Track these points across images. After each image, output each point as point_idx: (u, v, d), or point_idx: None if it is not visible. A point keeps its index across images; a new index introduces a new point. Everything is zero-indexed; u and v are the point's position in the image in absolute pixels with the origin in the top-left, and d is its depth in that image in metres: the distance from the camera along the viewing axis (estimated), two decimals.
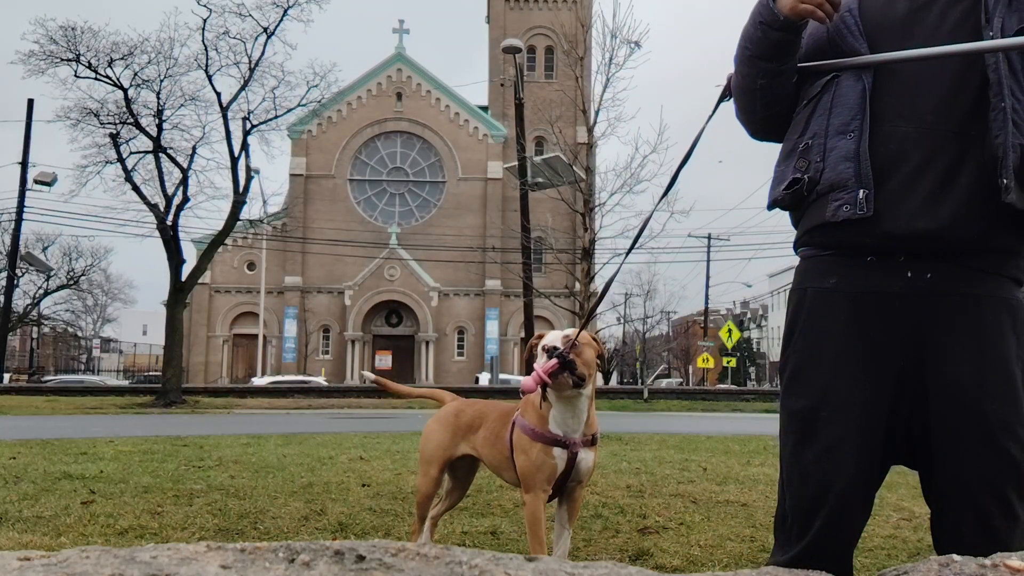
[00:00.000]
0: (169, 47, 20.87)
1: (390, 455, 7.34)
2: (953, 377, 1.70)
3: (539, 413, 2.76)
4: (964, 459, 1.69)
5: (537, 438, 2.73)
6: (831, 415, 1.76)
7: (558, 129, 19.09)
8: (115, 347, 66.04)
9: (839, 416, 1.75)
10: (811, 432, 1.78)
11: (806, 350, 1.83)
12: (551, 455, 2.70)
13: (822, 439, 1.76)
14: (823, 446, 1.76)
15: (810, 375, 1.80)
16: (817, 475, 1.76)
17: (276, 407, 20.76)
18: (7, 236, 32.86)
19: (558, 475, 2.72)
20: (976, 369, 1.70)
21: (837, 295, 1.81)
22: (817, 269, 1.86)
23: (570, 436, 2.71)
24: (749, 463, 7.08)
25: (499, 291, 45.31)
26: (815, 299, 1.84)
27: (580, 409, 2.70)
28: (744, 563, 3.35)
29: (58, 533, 3.78)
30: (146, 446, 8.00)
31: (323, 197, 45.97)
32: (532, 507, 2.75)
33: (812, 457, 1.77)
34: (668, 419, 17.12)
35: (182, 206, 20.94)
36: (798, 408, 1.81)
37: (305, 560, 0.88)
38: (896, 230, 1.74)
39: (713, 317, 55.85)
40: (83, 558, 0.87)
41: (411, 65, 47.47)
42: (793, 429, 1.83)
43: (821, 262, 1.86)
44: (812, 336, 1.82)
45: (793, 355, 1.86)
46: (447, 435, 3.15)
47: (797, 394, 1.82)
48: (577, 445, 2.71)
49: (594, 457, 2.80)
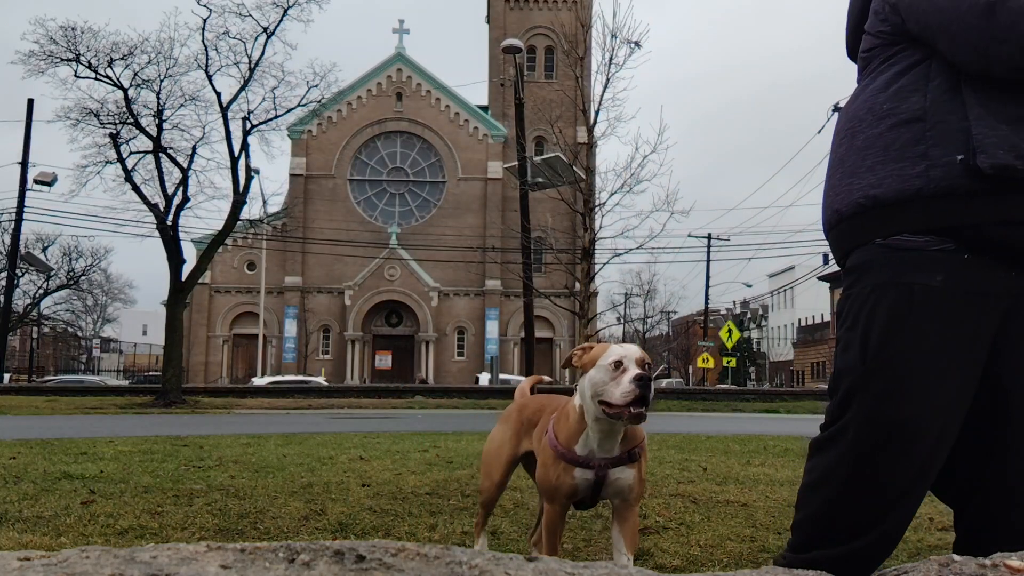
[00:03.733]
0: (169, 47, 20.95)
1: (390, 455, 7.34)
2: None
3: (569, 428, 2.44)
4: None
5: (560, 456, 2.44)
6: (932, 426, 1.68)
7: (558, 129, 19.11)
8: (115, 347, 66.07)
9: (944, 429, 1.69)
10: (908, 447, 1.70)
11: (908, 354, 1.68)
12: (571, 476, 2.41)
13: (917, 458, 1.70)
14: (918, 467, 1.70)
15: (915, 382, 1.67)
16: (900, 487, 1.71)
17: (276, 407, 20.76)
18: (7, 236, 32.96)
19: (581, 494, 2.45)
20: None
21: (953, 294, 1.67)
22: (926, 264, 1.68)
23: (599, 457, 2.39)
24: (749, 463, 7.08)
25: (499, 291, 45.33)
26: (922, 298, 1.67)
27: (619, 429, 2.36)
28: (744, 563, 3.35)
29: (58, 533, 3.78)
30: (146, 446, 8.00)
31: (323, 197, 45.99)
32: (549, 517, 2.54)
33: (901, 471, 1.70)
34: (668, 419, 17.11)
35: (182, 206, 20.95)
36: (900, 418, 1.69)
37: (305, 560, 0.88)
38: None
39: (713, 317, 55.87)
40: (83, 558, 0.87)
41: (411, 65, 47.48)
42: (880, 437, 1.72)
43: (938, 258, 1.67)
44: (920, 339, 1.67)
45: (889, 358, 1.70)
46: (509, 432, 2.86)
47: (900, 402, 1.69)
48: (607, 465, 2.39)
49: (636, 473, 2.43)
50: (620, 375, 2.22)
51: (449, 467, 6.42)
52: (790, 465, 6.86)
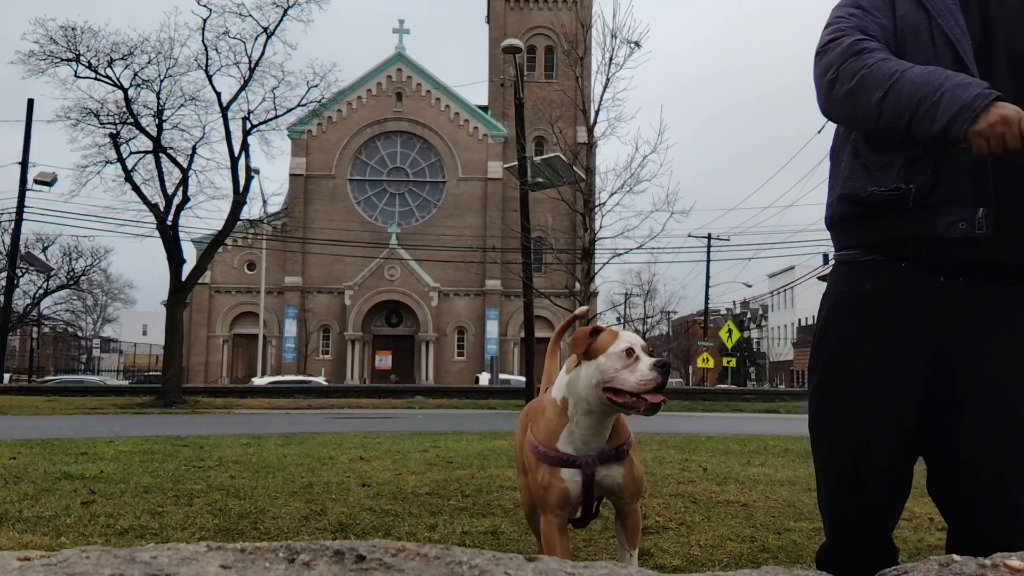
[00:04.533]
0: (169, 47, 20.96)
1: (390, 455, 7.34)
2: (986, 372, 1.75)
3: (548, 424, 2.27)
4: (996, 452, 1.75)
5: (542, 458, 2.26)
6: (864, 414, 1.85)
7: (558, 129, 19.11)
8: (115, 347, 66.05)
9: (872, 415, 1.84)
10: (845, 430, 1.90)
11: (840, 351, 1.90)
12: (559, 478, 2.22)
13: (854, 443, 1.87)
14: (856, 450, 1.87)
15: (844, 376, 1.88)
16: (851, 471, 1.88)
17: (276, 407, 20.76)
18: (7, 236, 32.93)
19: (575, 498, 2.26)
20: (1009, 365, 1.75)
21: (877, 298, 1.85)
22: (856, 274, 1.90)
23: (585, 454, 2.22)
24: (749, 463, 7.08)
25: (499, 291, 45.32)
26: (859, 300, 1.88)
27: (609, 424, 2.23)
28: (744, 563, 3.35)
29: (58, 533, 3.78)
30: (146, 446, 8.00)
31: (323, 197, 45.97)
32: (545, 531, 2.30)
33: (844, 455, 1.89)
34: (668, 419, 17.11)
35: (182, 206, 20.95)
36: (831, 408, 1.92)
37: (305, 560, 0.88)
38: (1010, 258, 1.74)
39: (713, 317, 55.84)
40: (83, 558, 0.87)
41: (411, 65, 47.47)
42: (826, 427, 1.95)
43: (867, 267, 1.88)
44: (847, 337, 1.89)
45: (825, 355, 1.94)
46: (521, 435, 2.63)
47: (831, 393, 1.91)
48: (594, 463, 2.23)
49: (626, 470, 2.27)
50: (634, 363, 2.14)
51: (449, 467, 6.42)
52: (790, 465, 6.86)
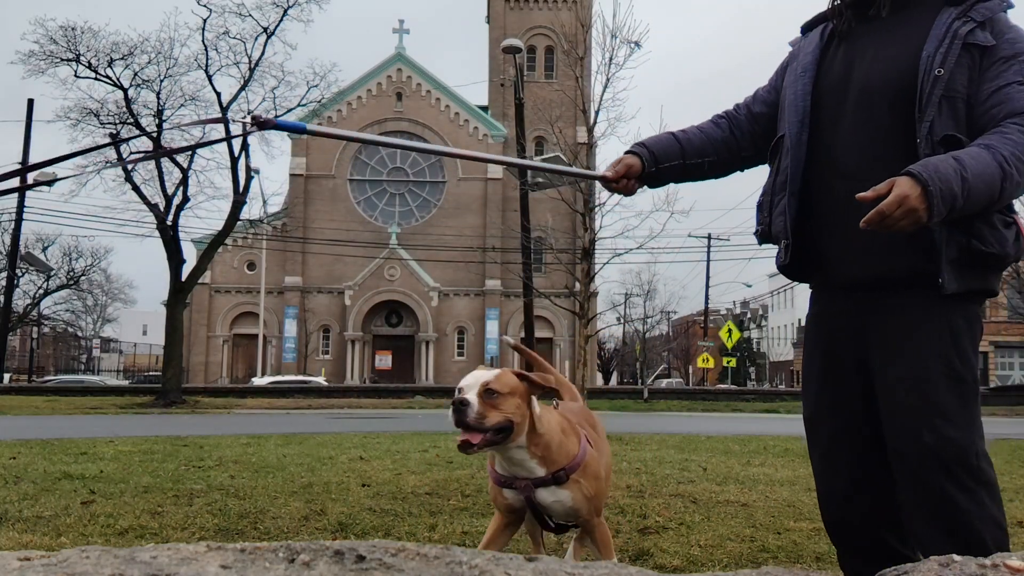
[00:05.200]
0: (169, 47, 20.93)
1: (390, 455, 7.34)
2: (889, 375, 2.00)
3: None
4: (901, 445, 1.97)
5: (490, 473, 2.47)
6: (823, 421, 2.17)
7: (558, 129, 19.09)
8: (115, 347, 66.03)
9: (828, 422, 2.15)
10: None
11: (806, 367, 2.25)
12: (502, 494, 2.41)
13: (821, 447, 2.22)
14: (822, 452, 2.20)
15: (807, 388, 2.23)
16: (821, 471, 2.19)
17: (276, 407, 20.77)
18: (7, 236, 32.93)
19: (521, 511, 2.43)
20: (902, 368, 1.98)
21: (816, 318, 2.23)
22: (810, 297, 2.29)
23: (519, 477, 2.35)
24: (749, 463, 7.08)
25: (499, 291, 45.31)
26: (808, 322, 2.28)
27: (518, 460, 2.32)
28: (744, 563, 3.35)
29: (58, 533, 3.78)
30: (146, 446, 8.00)
31: (323, 197, 45.95)
32: (492, 522, 2.55)
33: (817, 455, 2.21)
34: (668, 419, 17.12)
35: (182, 206, 20.95)
36: (805, 417, 2.25)
37: (305, 560, 0.88)
38: (835, 278, 2.11)
39: (713, 317, 55.83)
40: (83, 558, 0.87)
41: (411, 65, 47.46)
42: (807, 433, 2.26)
43: (812, 292, 2.28)
44: (807, 354, 2.25)
45: (802, 370, 2.29)
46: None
47: (803, 404, 2.25)
48: (529, 488, 2.34)
49: (572, 493, 2.35)
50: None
51: (449, 467, 6.41)
52: (790, 465, 6.86)
